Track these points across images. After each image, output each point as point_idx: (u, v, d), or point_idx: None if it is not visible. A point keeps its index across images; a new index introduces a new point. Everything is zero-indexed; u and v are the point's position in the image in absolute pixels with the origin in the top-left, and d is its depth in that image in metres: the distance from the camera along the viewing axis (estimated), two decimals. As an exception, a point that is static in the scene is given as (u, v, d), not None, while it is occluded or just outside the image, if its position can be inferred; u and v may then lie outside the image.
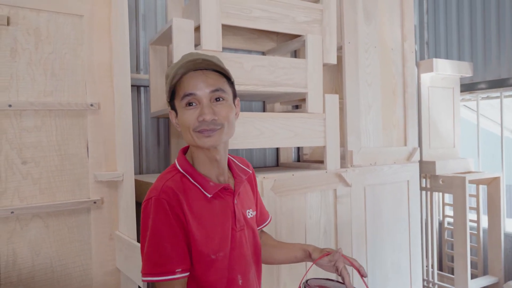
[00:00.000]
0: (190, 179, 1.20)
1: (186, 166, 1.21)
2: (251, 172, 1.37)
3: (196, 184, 1.19)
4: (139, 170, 2.54)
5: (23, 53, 1.75)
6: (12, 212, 1.69)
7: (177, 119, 1.22)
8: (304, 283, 1.22)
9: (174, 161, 1.26)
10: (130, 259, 1.76)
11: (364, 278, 1.22)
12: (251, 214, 1.32)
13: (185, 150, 1.29)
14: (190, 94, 1.15)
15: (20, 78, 1.74)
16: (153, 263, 1.10)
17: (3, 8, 1.70)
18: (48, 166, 1.80)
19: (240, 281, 1.22)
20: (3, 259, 1.71)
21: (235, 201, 1.24)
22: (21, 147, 1.74)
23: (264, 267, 2.03)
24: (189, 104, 1.16)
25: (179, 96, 1.17)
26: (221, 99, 1.18)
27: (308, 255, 1.33)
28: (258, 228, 1.44)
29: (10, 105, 1.70)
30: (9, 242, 1.72)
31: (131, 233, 1.83)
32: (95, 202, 1.87)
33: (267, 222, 1.49)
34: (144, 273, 1.12)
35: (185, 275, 1.12)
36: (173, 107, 1.23)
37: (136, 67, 2.56)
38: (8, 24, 1.71)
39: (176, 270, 1.10)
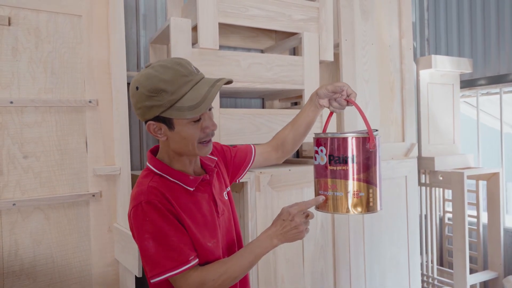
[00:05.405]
0: (169, 177, 1.21)
1: (161, 166, 1.22)
2: (216, 159, 1.38)
3: (176, 181, 1.21)
4: (140, 166, 2.60)
5: (24, 52, 1.82)
6: (14, 204, 1.77)
7: (165, 132, 1.16)
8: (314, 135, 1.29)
9: (146, 164, 1.26)
10: (127, 250, 1.82)
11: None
12: (226, 196, 1.37)
13: (154, 151, 1.29)
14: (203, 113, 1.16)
15: (21, 76, 1.82)
16: (166, 260, 1.11)
17: (4, 9, 1.78)
18: (49, 161, 1.87)
19: None
20: (6, 249, 1.78)
21: (213, 190, 1.29)
22: (22, 142, 1.82)
23: (261, 263, 2.07)
24: (198, 120, 1.15)
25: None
26: (212, 108, 1.22)
27: (317, 100, 1.39)
28: (253, 163, 1.49)
29: (11, 102, 1.77)
30: (12, 233, 1.80)
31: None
32: (93, 195, 1.93)
33: (253, 152, 1.51)
34: (158, 273, 1.11)
35: (197, 261, 1.16)
36: (163, 120, 1.14)
37: (136, 66, 2.62)
38: (9, 24, 1.78)
39: (190, 258, 1.13)
